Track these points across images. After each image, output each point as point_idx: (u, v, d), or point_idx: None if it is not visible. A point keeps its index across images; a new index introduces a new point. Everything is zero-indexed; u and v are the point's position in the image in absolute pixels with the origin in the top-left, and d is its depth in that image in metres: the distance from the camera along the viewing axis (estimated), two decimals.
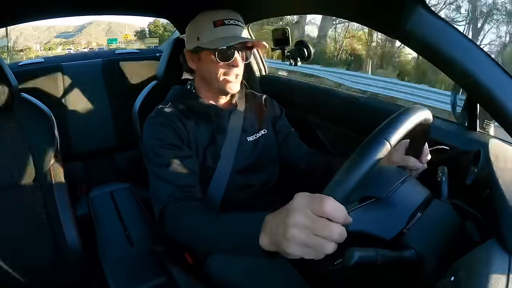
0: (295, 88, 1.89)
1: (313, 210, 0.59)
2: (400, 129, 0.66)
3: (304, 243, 0.59)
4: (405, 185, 0.76)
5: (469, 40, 0.88)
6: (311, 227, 0.59)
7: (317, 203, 0.59)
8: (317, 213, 0.58)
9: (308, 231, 0.59)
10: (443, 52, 0.88)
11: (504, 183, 0.64)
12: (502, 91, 0.87)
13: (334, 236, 0.57)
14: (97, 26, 75.90)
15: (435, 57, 0.93)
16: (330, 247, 0.58)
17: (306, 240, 0.59)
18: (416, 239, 0.68)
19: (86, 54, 3.01)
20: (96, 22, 73.19)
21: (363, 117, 1.44)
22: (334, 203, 0.58)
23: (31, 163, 1.25)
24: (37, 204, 1.26)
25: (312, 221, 0.59)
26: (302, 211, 0.60)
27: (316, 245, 0.59)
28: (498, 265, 0.51)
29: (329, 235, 0.57)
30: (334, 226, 0.57)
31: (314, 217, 0.59)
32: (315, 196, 0.60)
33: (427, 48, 0.92)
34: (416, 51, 0.96)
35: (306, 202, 0.60)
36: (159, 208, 1.05)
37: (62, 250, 1.26)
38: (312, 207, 0.59)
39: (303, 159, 1.33)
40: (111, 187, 1.62)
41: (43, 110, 1.29)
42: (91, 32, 69.16)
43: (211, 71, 1.17)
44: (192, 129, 1.18)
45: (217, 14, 1.16)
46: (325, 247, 0.58)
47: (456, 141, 1.12)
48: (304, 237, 0.59)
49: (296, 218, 0.60)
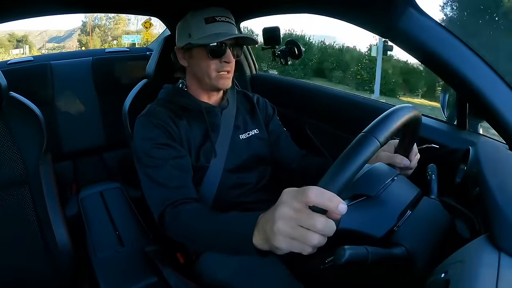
0: (286, 87, 1.90)
1: (299, 201, 0.60)
2: (390, 127, 0.66)
3: (289, 234, 0.60)
4: (395, 183, 0.76)
5: (459, 40, 0.89)
6: (295, 218, 0.60)
7: (302, 193, 0.59)
8: (303, 202, 0.59)
9: (292, 222, 0.60)
10: (433, 52, 0.89)
11: (493, 181, 0.64)
12: (491, 90, 0.88)
13: (318, 226, 0.58)
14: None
15: (425, 56, 0.93)
16: (314, 239, 0.58)
17: (291, 232, 0.60)
18: (406, 236, 0.69)
19: (76, 52, 2.98)
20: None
21: (353, 116, 1.45)
22: (318, 189, 0.58)
23: (19, 162, 1.24)
24: (26, 204, 1.25)
25: (296, 212, 0.60)
26: (288, 204, 0.61)
27: (300, 236, 0.59)
28: (488, 261, 0.52)
29: (313, 224, 0.58)
30: (316, 216, 0.58)
31: (298, 208, 0.60)
32: (301, 188, 0.61)
33: (417, 48, 0.93)
34: (406, 51, 0.97)
35: (292, 195, 0.62)
36: (158, 213, 1.05)
37: (52, 250, 1.24)
38: (298, 199, 0.60)
39: (295, 160, 1.34)
40: (101, 187, 1.61)
41: (32, 109, 1.27)
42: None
43: (203, 68, 1.17)
44: (185, 128, 1.18)
45: (208, 11, 1.16)
46: (309, 238, 0.58)
47: (445, 139, 1.13)
48: (288, 229, 0.60)
49: (282, 211, 0.61)
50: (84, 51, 2.87)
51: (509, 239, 0.54)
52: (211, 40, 1.12)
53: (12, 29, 29.77)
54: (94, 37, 29.65)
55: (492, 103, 0.88)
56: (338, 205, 0.57)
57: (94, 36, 29.79)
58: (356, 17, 1.09)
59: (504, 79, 0.88)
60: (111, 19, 29.80)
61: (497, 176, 0.66)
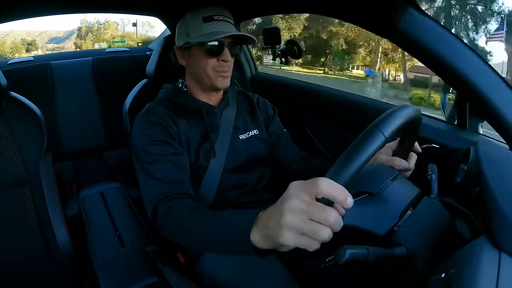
0: (286, 87, 1.90)
1: (309, 193, 0.58)
2: (396, 123, 0.66)
3: (300, 228, 0.58)
4: (396, 182, 0.77)
5: (459, 40, 0.89)
6: (306, 211, 0.57)
7: (311, 184, 0.58)
8: (313, 194, 0.57)
9: (303, 215, 0.58)
10: (433, 51, 0.89)
11: (494, 181, 0.64)
12: (491, 89, 0.88)
13: (330, 220, 0.56)
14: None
15: (425, 56, 0.94)
16: (325, 233, 0.56)
17: (301, 225, 0.58)
18: (406, 236, 0.69)
19: (76, 52, 2.98)
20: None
21: (353, 116, 1.45)
22: (328, 181, 0.57)
23: (20, 162, 1.23)
24: (27, 204, 1.24)
25: (307, 204, 0.58)
26: (298, 196, 0.59)
27: (311, 231, 0.57)
28: (488, 261, 0.52)
29: (325, 218, 0.56)
30: (330, 209, 0.56)
31: (309, 200, 0.58)
32: (309, 180, 0.59)
33: (417, 47, 0.93)
34: (407, 50, 0.97)
35: (301, 187, 0.60)
36: (151, 208, 1.03)
37: (52, 250, 1.24)
38: (307, 190, 0.58)
39: (294, 161, 1.33)
40: (101, 187, 1.60)
41: (32, 109, 1.27)
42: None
43: (201, 66, 1.17)
44: (184, 128, 1.17)
45: (207, 10, 1.16)
46: (320, 232, 0.56)
47: (446, 139, 1.13)
48: (299, 222, 0.58)
49: (291, 203, 0.59)
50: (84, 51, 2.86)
51: (510, 239, 0.54)
52: (209, 38, 1.12)
53: (12, 29, 32.27)
54: (87, 40, 34.00)
55: (493, 103, 0.88)
56: (347, 198, 0.56)
57: (87, 40, 34.12)
58: (356, 17, 1.10)
59: (504, 79, 0.89)
60: (101, 25, 34.30)
61: (497, 176, 0.66)
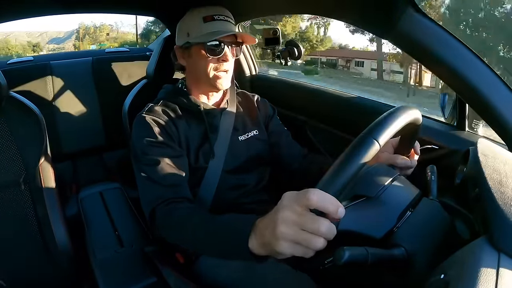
0: (286, 87, 1.89)
1: (301, 204, 0.59)
2: (389, 128, 0.66)
3: (293, 239, 0.59)
4: (394, 184, 0.76)
5: (459, 41, 0.89)
6: (298, 222, 0.58)
7: (303, 196, 0.58)
8: (305, 206, 0.58)
9: (295, 226, 0.59)
10: (433, 53, 0.89)
11: (493, 182, 0.64)
12: (490, 91, 0.88)
13: (322, 230, 0.57)
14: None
15: (424, 57, 0.94)
16: (318, 243, 0.57)
17: (295, 236, 0.59)
18: (406, 237, 0.69)
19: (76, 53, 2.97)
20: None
21: (353, 116, 1.44)
22: (320, 192, 0.58)
23: (20, 162, 1.23)
24: (26, 204, 1.24)
25: (299, 216, 0.59)
26: (290, 208, 0.60)
27: (304, 241, 0.58)
28: (487, 262, 0.52)
29: (317, 228, 0.57)
30: (321, 220, 0.57)
31: (301, 211, 0.59)
32: (301, 191, 0.60)
33: (417, 49, 0.93)
34: (406, 52, 0.97)
35: (294, 198, 0.61)
36: (149, 210, 1.04)
37: (51, 250, 1.24)
38: (299, 202, 0.59)
39: (296, 160, 1.33)
40: (100, 187, 1.60)
41: (32, 109, 1.27)
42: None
43: (201, 66, 1.17)
44: (184, 129, 1.17)
45: (207, 10, 1.16)
46: (313, 242, 0.57)
47: (445, 140, 1.13)
48: (292, 233, 0.59)
49: (284, 214, 0.60)
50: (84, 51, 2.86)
51: (509, 240, 0.54)
52: (209, 38, 1.12)
53: (13, 30, 33.67)
54: (84, 42, 38.74)
55: (492, 104, 0.88)
56: (338, 209, 0.57)
57: (85, 42, 38.96)
58: (356, 18, 1.09)
59: (503, 80, 0.89)
60: (97, 27, 39.54)
61: (496, 177, 0.66)
